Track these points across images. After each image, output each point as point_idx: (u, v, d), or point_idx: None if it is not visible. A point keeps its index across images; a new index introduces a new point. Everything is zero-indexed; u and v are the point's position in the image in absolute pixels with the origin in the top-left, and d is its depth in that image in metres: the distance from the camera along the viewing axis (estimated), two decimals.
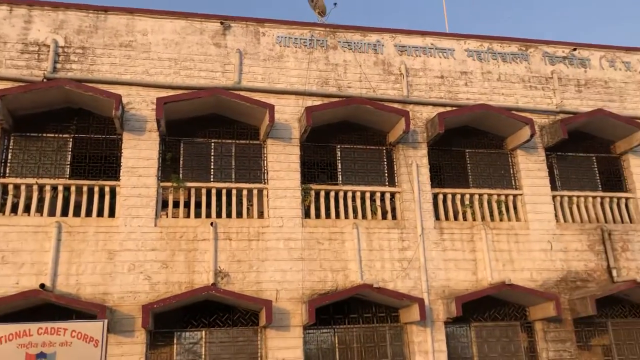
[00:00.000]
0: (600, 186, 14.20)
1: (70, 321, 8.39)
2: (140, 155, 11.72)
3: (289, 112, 12.76)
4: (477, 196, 13.16)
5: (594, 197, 13.77)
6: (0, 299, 9.93)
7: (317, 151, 13.10)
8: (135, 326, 10.57)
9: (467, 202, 13.12)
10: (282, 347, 11.13)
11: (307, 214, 12.31)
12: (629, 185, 14.19)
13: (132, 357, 10.41)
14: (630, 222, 13.78)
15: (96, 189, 11.39)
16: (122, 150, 11.73)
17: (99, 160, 11.92)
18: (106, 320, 7.88)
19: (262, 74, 12.92)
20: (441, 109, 13.40)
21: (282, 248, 11.79)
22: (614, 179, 14.41)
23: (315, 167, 13.03)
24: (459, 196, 13.08)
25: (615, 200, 13.91)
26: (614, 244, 13.31)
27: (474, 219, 13.00)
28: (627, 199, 14.00)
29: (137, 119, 11.93)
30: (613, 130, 14.04)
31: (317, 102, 12.86)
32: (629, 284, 12.32)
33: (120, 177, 11.55)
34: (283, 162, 12.44)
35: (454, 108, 13.50)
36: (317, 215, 12.39)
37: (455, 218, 13.00)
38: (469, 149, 13.81)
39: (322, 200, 12.46)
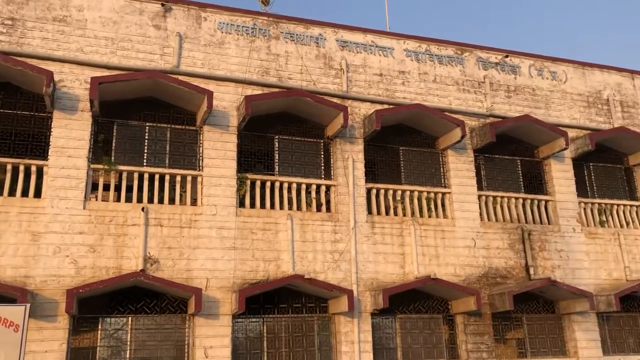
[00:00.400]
0: (522, 188, 14.97)
1: None
2: (70, 135, 11.33)
3: (228, 100, 12.67)
4: (408, 192, 13.58)
5: (517, 198, 14.51)
6: None
7: (254, 141, 13.10)
8: (58, 311, 10.26)
9: (398, 198, 13.52)
10: (210, 336, 11.12)
11: (241, 204, 12.32)
12: (549, 189, 15.04)
13: (53, 343, 10.11)
14: (549, 224, 14.62)
15: (21, 167, 10.93)
16: (52, 129, 11.30)
17: (26, 138, 11.43)
18: (28, 305, 7.64)
19: (202, 59, 12.76)
20: (379, 106, 13.70)
21: (215, 236, 11.74)
22: (536, 182, 15.23)
23: (252, 157, 13.03)
24: (391, 192, 13.45)
25: (535, 202, 14.71)
26: (532, 243, 14.10)
27: (404, 215, 13.42)
28: (546, 201, 14.83)
29: (69, 98, 11.52)
30: (538, 135, 14.82)
31: (257, 91, 12.85)
32: (544, 281, 13.09)
33: (49, 157, 11.14)
34: (219, 150, 12.37)
35: (390, 106, 13.83)
36: (252, 205, 12.41)
37: (387, 213, 13.37)
38: (403, 146, 14.21)
39: (257, 190, 12.48)
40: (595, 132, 15.31)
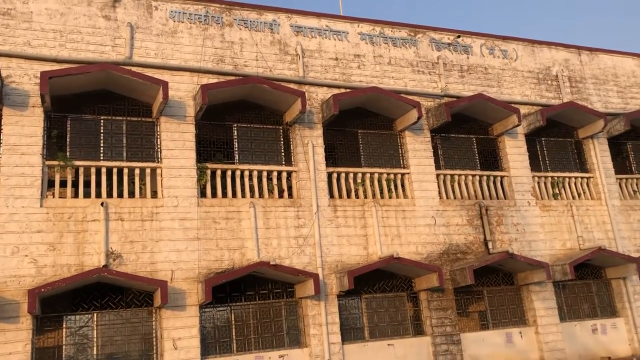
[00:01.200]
0: (479, 165, 15.37)
1: None
2: (22, 132, 11.05)
3: (184, 90, 12.55)
4: (368, 175, 13.78)
5: (473, 176, 14.90)
6: None
7: (213, 130, 13.04)
8: (20, 312, 10.08)
9: (359, 181, 13.70)
10: (178, 327, 11.12)
11: (203, 194, 12.28)
12: (504, 165, 15.48)
13: (17, 345, 9.95)
14: (505, 199, 15.08)
15: None
16: (2, 127, 10.99)
17: None
18: None
19: (155, 49, 12.57)
20: (336, 91, 13.79)
21: (177, 228, 11.69)
22: (491, 159, 15.66)
23: (212, 146, 12.97)
24: (351, 175, 13.62)
25: (492, 178, 15.13)
26: (490, 218, 14.53)
27: (365, 197, 13.63)
28: (502, 177, 15.28)
29: (18, 94, 11.20)
30: (491, 113, 15.20)
31: (213, 80, 12.75)
32: (502, 255, 13.54)
33: (1, 155, 10.84)
34: (178, 141, 12.26)
35: (347, 90, 13.94)
36: (214, 195, 12.39)
37: (348, 196, 13.55)
38: (362, 129, 14.37)
39: (218, 179, 12.46)
40: (545, 108, 15.79)
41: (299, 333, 12.30)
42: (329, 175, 13.42)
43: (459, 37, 15.95)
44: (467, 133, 15.51)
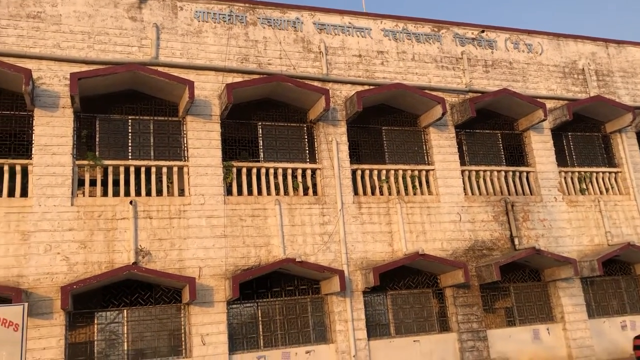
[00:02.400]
0: (504, 161, 15.24)
1: None
2: (53, 132, 11.29)
3: (209, 89, 12.69)
4: (392, 172, 13.77)
5: (499, 171, 14.78)
6: None
7: (238, 128, 13.15)
8: (53, 308, 10.33)
9: (383, 178, 13.70)
10: (205, 323, 11.28)
11: (229, 191, 12.41)
12: (530, 160, 15.33)
13: (51, 340, 10.20)
14: (531, 194, 14.94)
15: (6, 167, 10.89)
16: (34, 128, 11.25)
17: (8, 138, 11.36)
18: (26, 304, 7.69)
19: (181, 49, 12.72)
20: (359, 88, 13.81)
21: (205, 225, 11.84)
22: (517, 154, 15.52)
23: (237, 144, 13.09)
24: (376, 172, 13.62)
25: (517, 173, 15.00)
26: (516, 214, 14.42)
27: (389, 194, 13.63)
28: (527, 172, 15.14)
29: (49, 95, 11.45)
30: (516, 108, 15.06)
31: (238, 78, 12.86)
32: (529, 251, 13.43)
33: (33, 156, 11.10)
34: (204, 139, 12.41)
35: (371, 87, 13.94)
36: (240, 192, 12.51)
37: (373, 193, 13.56)
38: (385, 126, 14.36)
39: (244, 177, 12.58)
40: (572, 102, 15.59)
41: (325, 329, 12.38)
42: (353, 172, 13.45)
43: (483, 31, 15.82)
44: (492, 128, 15.40)
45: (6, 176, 10.87)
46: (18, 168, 10.97)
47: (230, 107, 12.36)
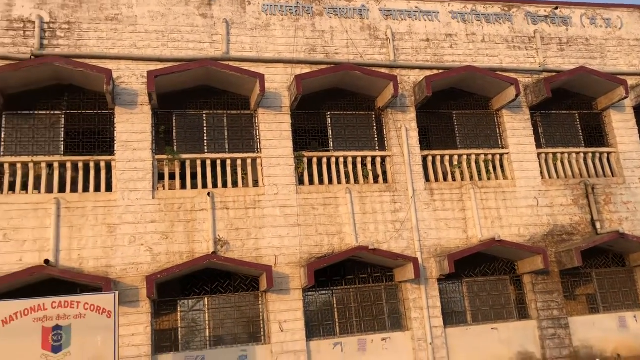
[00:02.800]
0: (583, 142, 14.61)
1: (83, 294, 8.66)
2: (133, 129, 11.80)
3: (279, 81, 12.86)
4: (465, 156, 13.51)
5: (577, 153, 14.19)
6: (7, 276, 10.10)
7: (307, 119, 13.27)
8: (140, 296, 10.85)
9: (455, 163, 13.46)
10: (283, 310, 11.52)
11: (300, 181, 12.58)
12: (610, 140, 14.62)
13: (139, 327, 10.72)
14: (612, 176, 14.26)
15: (92, 164, 11.49)
16: (115, 125, 11.79)
17: (92, 136, 11.97)
18: (117, 292, 8.16)
19: (250, 43, 12.95)
20: (428, 72, 13.60)
21: (279, 215, 12.07)
22: (596, 135, 14.83)
23: (307, 135, 13.22)
24: (447, 157, 13.41)
25: (597, 155, 14.35)
26: (597, 197, 13.81)
27: (462, 179, 13.38)
28: (608, 153, 14.45)
29: (128, 93, 11.96)
30: (595, 86, 14.38)
31: (306, 69, 12.96)
32: (612, 235, 12.85)
33: (115, 152, 11.65)
34: (275, 131, 12.61)
35: (440, 71, 13.70)
36: (311, 182, 12.65)
37: (445, 179, 13.37)
38: (456, 110, 14.09)
39: (314, 166, 12.70)
40: None
41: (400, 316, 12.36)
42: (424, 158, 13.29)
43: (556, 8, 15.17)
44: (569, 109, 14.79)
45: (92, 172, 11.47)
46: (102, 164, 11.55)
47: (300, 98, 12.48)
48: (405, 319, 12.28)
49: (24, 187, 11.21)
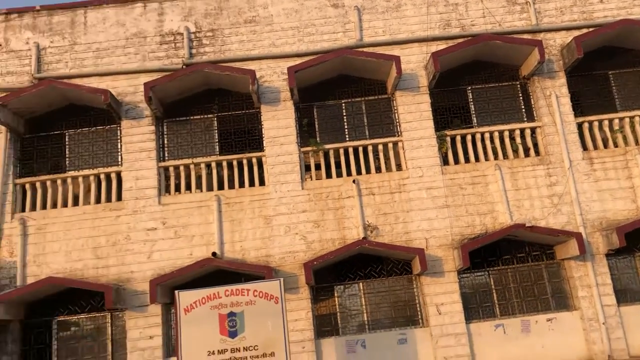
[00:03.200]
0: None
1: (252, 282, 9.20)
2: (279, 124, 12.29)
3: (414, 61, 12.64)
4: (627, 119, 12.31)
5: None
6: (182, 269, 11.06)
7: (447, 96, 12.91)
8: (298, 283, 11.32)
9: (616, 128, 12.32)
10: (438, 293, 11.37)
11: (445, 161, 12.29)
12: None
13: (300, 312, 11.18)
14: None
15: (244, 161, 12.17)
16: (262, 122, 12.37)
17: (243, 135, 12.66)
18: (282, 279, 8.56)
19: (383, 27, 12.87)
20: (576, 32, 12.56)
21: (426, 197, 11.90)
22: None
23: (448, 113, 12.87)
24: (606, 122, 12.31)
25: None
26: None
27: (626, 144, 12.22)
28: None
29: (271, 91, 12.48)
30: None
31: (442, 45, 12.60)
32: None
33: (264, 148, 12.23)
34: (414, 112, 12.43)
35: (590, 29, 12.59)
36: (456, 161, 12.30)
37: (605, 146, 12.29)
38: (612, 70, 12.88)
39: (458, 145, 12.33)
40: None
41: (565, 295, 11.63)
42: (579, 125, 12.32)
43: None
44: None
45: (246, 169, 12.15)
46: (254, 160, 12.19)
47: (437, 75, 12.15)
48: (571, 298, 11.53)
49: (188, 187, 12.18)
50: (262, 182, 12.15)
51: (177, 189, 12.23)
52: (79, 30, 12.76)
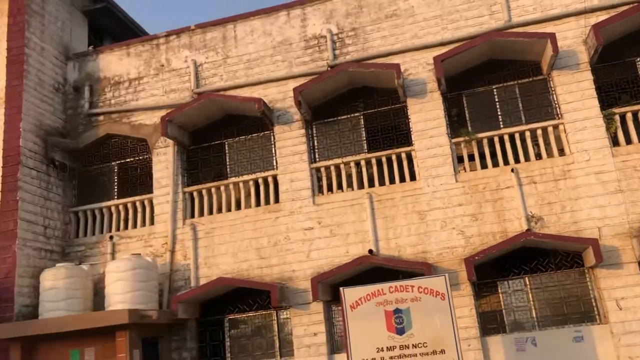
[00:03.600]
0: None
1: (416, 278, 9.06)
2: (426, 117, 12.02)
3: (571, 37, 11.68)
4: None
5: None
6: (340, 267, 11.23)
7: (611, 71, 11.76)
8: (459, 279, 10.93)
9: None
10: (617, 287, 10.35)
11: (615, 142, 11.19)
12: None
13: (463, 310, 10.77)
14: None
15: (393, 157, 12.05)
16: (409, 116, 12.17)
17: (390, 130, 12.56)
18: (447, 275, 8.30)
19: (532, 4, 12.05)
20: None
21: (594, 183, 10.92)
22: None
23: (614, 89, 11.73)
24: None
25: None
26: None
27: None
28: None
29: (416, 84, 12.24)
30: None
31: (603, 16, 11.50)
32: None
33: (413, 142, 12.02)
34: (575, 92, 11.48)
35: None
36: (628, 141, 11.15)
37: None
38: None
39: (629, 123, 11.16)
40: None
41: None
42: None
43: None
44: None
45: (395, 164, 12.03)
46: (403, 155, 12.01)
47: (600, 49, 11.11)
48: None
49: (339, 186, 12.35)
50: (412, 177, 11.95)
51: (329, 188, 12.45)
52: (230, 44, 13.52)
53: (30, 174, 12.41)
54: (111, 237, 12.88)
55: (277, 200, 12.45)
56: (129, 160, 13.78)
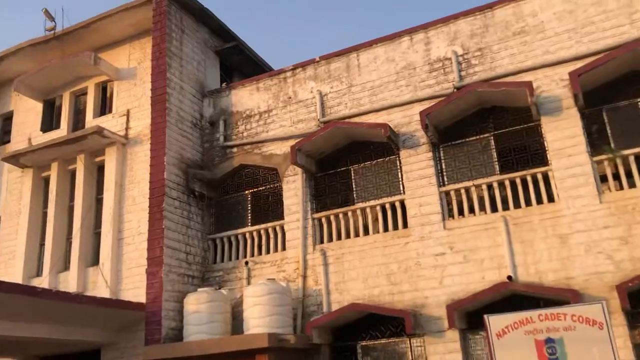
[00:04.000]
0: None
1: (569, 306, 8.54)
2: (563, 135, 11.42)
3: None
4: None
5: None
6: (477, 294, 10.85)
7: None
8: (610, 308, 9.98)
9: None
10: None
11: None
12: None
13: (618, 340, 9.53)
14: None
15: (528, 178, 11.53)
16: (544, 135, 11.64)
17: (523, 150, 12.06)
18: (605, 302, 7.73)
19: None
20: None
21: None
22: None
23: None
24: None
25: None
26: None
27: None
28: None
29: (550, 101, 11.71)
30: None
31: None
32: None
33: (550, 161, 11.45)
34: None
35: None
36: None
37: None
38: None
39: None
40: None
41: None
42: None
43: None
44: None
45: (530, 186, 11.49)
46: (539, 176, 11.46)
47: None
48: None
49: (470, 210, 12.00)
50: (550, 199, 11.34)
51: (460, 212, 12.13)
52: (354, 73, 13.78)
53: (173, 204, 13.34)
54: (246, 263, 13.44)
55: (405, 225, 12.34)
56: (261, 188, 14.38)
